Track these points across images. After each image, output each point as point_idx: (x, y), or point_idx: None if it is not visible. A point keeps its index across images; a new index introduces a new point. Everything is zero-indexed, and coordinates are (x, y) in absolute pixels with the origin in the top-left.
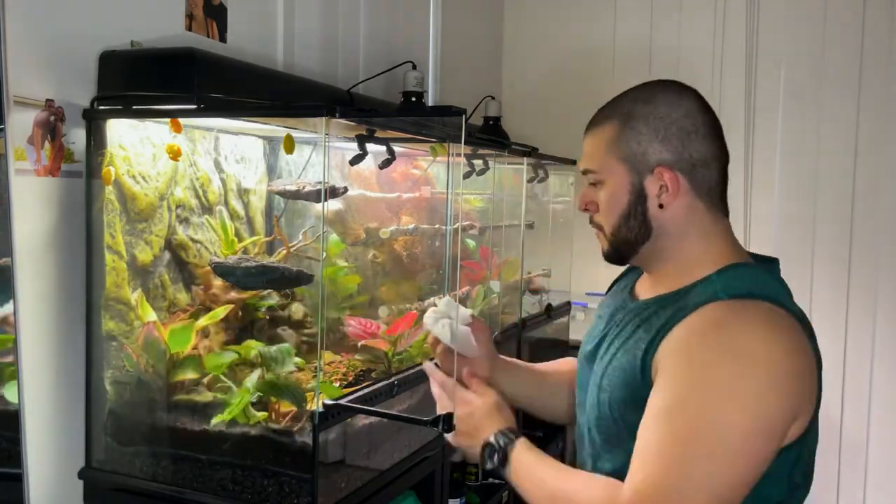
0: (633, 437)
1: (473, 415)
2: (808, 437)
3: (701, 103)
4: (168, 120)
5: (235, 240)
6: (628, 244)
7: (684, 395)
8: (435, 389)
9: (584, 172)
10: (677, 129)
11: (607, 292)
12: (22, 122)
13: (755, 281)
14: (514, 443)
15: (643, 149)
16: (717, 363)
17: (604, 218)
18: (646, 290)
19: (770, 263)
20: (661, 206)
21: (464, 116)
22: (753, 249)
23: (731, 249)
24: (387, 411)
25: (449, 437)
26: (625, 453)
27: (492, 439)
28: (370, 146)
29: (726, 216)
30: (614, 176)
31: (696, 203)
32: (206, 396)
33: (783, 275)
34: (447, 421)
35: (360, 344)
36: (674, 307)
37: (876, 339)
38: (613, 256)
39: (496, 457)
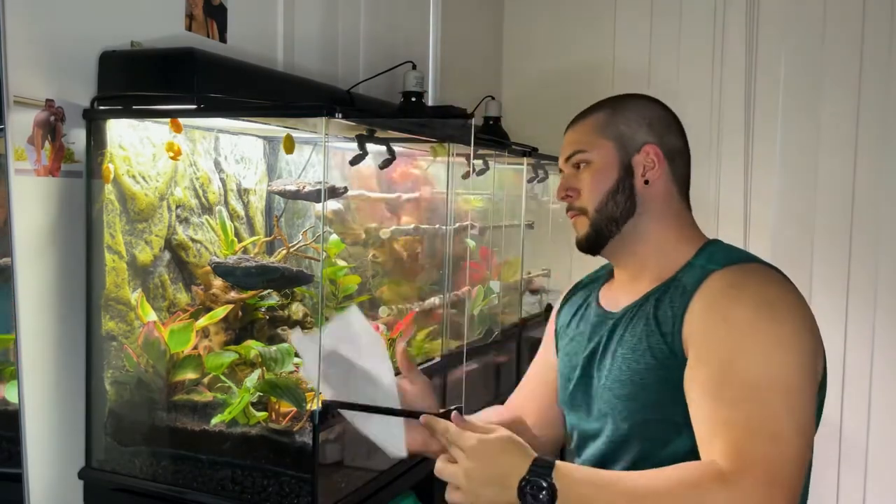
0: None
1: (487, 456)
2: (823, 390)
3: (671, 112)
4: (168, 120)
5: (235, 240)
6: (612, 221)
7: (732, 354)
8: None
9: (569, 157)
10: (658, 119)
11: (556, 326)
12: (22, 122)
13: (738, 251)
14: (554, 470)
15: (632, 131)
16: (755, 316)
17: (588, 197)
18: (623, 294)
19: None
20: (646, 181)
21: (472, 121)
22: (753, 250)
23: (699, 234)
24: (387, 408)
25: (455, 497)
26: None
27: (531, 477)
28: (371, 146)
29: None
30: (603, 153)
31: (672, 188)
32: (206, 396)
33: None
34: (448, 416)
35: None
36: (672, 294)
37: (876, 339)
38: (592, 238)
39: (543, 495)
